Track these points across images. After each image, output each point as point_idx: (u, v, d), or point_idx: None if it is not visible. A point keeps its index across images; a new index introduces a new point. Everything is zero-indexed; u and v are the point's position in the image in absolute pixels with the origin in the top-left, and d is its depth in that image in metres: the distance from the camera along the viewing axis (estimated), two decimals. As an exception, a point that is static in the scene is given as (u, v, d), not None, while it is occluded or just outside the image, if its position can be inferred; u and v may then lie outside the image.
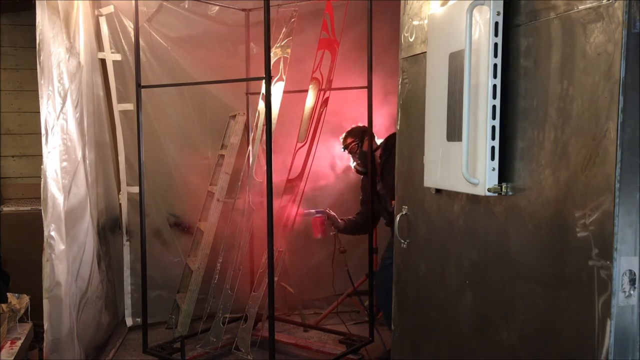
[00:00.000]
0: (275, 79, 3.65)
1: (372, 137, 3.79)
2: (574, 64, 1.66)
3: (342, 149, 3.98)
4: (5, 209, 4.31)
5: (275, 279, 3.39)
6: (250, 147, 4.00)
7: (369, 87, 3.66)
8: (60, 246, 3.16)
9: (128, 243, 4.41)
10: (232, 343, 3.66)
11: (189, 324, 4.08)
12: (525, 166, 1.83)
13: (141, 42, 3.90)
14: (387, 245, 3.67)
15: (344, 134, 3.98)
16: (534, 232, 1.80)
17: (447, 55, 2.07)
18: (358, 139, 3.88)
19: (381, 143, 3.84)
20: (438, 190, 2.26)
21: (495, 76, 1.85)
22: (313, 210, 4.00)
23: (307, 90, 3.75)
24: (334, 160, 4.38)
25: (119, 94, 4.37)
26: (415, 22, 2.42)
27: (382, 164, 3.73)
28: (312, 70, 3.73)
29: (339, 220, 4.00)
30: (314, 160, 3.66)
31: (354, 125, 3.98)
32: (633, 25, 1.51)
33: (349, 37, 4.13)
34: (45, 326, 3.05)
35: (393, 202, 2.99)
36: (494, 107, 1.85)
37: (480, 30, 1.88)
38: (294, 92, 3.93)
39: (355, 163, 3.94)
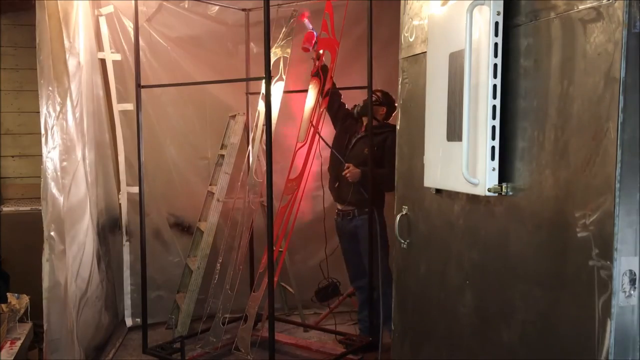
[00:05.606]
0: (275, 79, 3.65)
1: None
2: (574, 64, 1.65)
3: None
4: (5, 209, 4.31)
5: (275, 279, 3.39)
6: (250, 147, 4.00)
7: (369, 87, 3.65)
8: (59, 246, 3.15)
9: (128, 243, 4.41)
10: (232, 343, 3.66)
11: (189, 324, 4.08)
12: (526, 166, 1.82)
13: (141, 42, 3.90)
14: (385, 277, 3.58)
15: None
16: (534, 232, 1.79)
17: (447, 55, 2.07)
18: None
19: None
20: (438, 190, 2.25)
21: (495, 76, 1.84)
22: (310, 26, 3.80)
23: (307, 90, 3.75)
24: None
25: (119, 94, 4.37)
26: (415, 22, 2.42)
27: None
28: (312, 70, 3.73)
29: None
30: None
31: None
32: (633, 25, 1.50)
33: (349, 37, 4.13)
34: (45, 326, 3.05)
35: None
36: (494, 107, 1.85)
37: (480, 30, 1.88)
38: (294, 92, 3.92)
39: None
